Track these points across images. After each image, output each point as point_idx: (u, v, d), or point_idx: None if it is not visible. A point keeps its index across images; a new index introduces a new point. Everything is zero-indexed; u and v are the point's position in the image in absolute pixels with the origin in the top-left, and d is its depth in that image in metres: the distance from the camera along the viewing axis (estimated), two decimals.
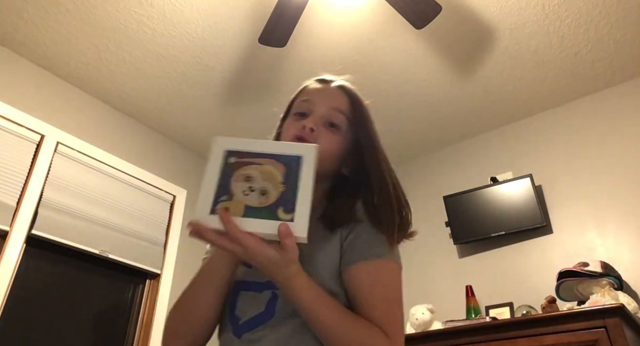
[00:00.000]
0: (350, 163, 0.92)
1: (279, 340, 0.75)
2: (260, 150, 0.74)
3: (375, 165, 0.89)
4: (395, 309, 0.78)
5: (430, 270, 2.82)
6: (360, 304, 0.76)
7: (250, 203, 0.68)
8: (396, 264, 0.84)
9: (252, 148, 0.74)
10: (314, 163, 0.73)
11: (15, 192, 2.15)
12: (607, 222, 2.33)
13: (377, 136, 0.94)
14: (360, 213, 0.84)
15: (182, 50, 2.37)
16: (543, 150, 2.71)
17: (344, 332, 0.71)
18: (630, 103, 2.50)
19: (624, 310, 1.69)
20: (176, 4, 2.13)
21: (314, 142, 0.84)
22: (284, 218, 0.67)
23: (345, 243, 0.81)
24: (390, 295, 0.79)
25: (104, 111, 2.71)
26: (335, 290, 0.78)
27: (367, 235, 0.81)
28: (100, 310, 2.41)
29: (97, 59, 2.42)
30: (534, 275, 2.41)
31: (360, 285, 0.77)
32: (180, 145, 3.11)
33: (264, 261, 0.67)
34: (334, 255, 0.80)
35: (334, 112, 0.91)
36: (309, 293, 0.71)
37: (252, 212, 0.68)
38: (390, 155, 0.98)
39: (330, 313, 0.71)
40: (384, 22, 2.21)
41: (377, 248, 0.80)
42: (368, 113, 0.96)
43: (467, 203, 2.74)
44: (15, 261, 2.07)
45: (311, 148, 0.74)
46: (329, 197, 0.90)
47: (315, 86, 0.98)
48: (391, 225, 0.83)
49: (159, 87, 2.61)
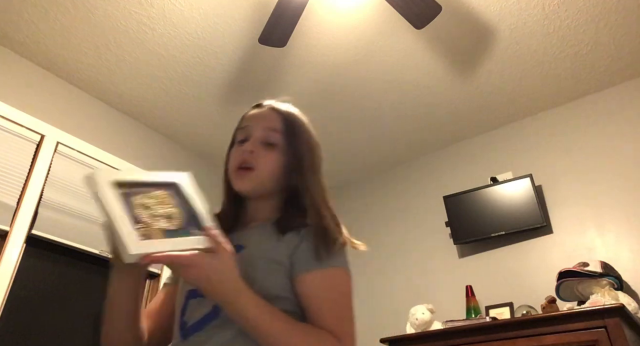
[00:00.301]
0: (292, 177, 0.97)
1: (225, 342, 0.78)
2: (143, 179, 0.78)
3: (303, 181, 0.95)
4: (346, 312, 0.84)
5: (430, 270, 2.82)
6: (312, 311, 0.82)
7: (165, 227, 0.73)
8: (344, 271, 0.88)
9: (134, 179, 0.78)
10: (193, 187, 0.82)
11: (15, 192, 2.15)
12: (607, 222, 2.33)
13: (310, 151, 0.99)
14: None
15: (182, 50, 2.37)
16: (543, 150, 2.71)
17: (295, 343, 0.75)
18: (630, 104, 2.50)
19: (624, 310, 1.69)
20: (176, 4, 2.13)
21: (254, 162, 0.94)
22: (199, 235, 0.73)
23: (296, 251, 0.85)
24: (340, 300, 0.84)
25: (104, 111, 2.71)
26: (282, 295, 0.82)
27: (314, 244, 0.85)
28: (100, 310, 2.41)
29: (97, 59, 2.42)
30: (534, 275, 2.41)
31: (312, 293, 0.83)
32: (180, 145, 3.11)
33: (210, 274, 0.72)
34: (284, 262, 0.85)
35: (269, 132, 0.98)
36: (256, 308, 0.75)
37: (172, 234, 0.72)
38: (390, 156, 0.99)
39: (280, 326, 0.75)
40: (384, 22, 2.21)
41: (324, 257, 0.85)
42: (303, 127, 1.01)
43: (467, 203, 2.74)
44: (15, 261, 2.07)
45: (184, 176, 0.83)
46: (282, 210, 0.97)
47: (251, 112, 1.04)
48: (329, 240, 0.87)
49: (159, 87, 2.61)
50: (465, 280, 2.60)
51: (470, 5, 2.13)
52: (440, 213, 2.86)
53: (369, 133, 2.98)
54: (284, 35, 2.02)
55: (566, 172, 2.56)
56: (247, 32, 2.26)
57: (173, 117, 2.85)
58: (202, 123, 2.91)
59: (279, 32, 2.01)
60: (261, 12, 2.13)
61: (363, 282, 3.03)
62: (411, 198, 3.13)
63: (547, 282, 2.25)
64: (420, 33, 2.25)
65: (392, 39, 2.31)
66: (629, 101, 2.51)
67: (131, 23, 2.22)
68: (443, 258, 2.80)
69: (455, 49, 2.37)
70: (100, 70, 2.49)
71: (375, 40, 2.32)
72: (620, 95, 2.55)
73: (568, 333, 1.72)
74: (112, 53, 2.38)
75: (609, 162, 2.44)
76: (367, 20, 2.21)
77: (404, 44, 2.34)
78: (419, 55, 2.41)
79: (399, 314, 2.65)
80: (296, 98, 1.09)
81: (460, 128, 2.96)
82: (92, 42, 2.31)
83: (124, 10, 2.15)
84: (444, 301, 2.61)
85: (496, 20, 2.20)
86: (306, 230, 0.87)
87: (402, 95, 2.68)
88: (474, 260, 2.69)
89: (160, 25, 2.23)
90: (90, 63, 2.44)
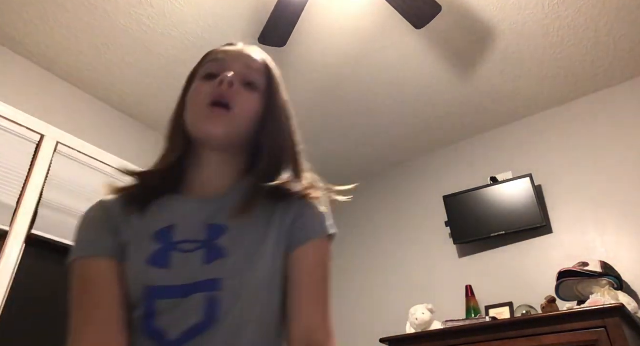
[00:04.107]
0: (266, 132, 0.79)
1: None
2: None
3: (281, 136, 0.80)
4: (328, 300, 0.72)
5: (430, 270, 2.82)
6: (296, 294, 0.70)
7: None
8: (330, 239, 0.77)
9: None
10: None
11: (15, 192, 2.15)
12: (607, 222, 2.33)
13: (287, 104, 0.85)
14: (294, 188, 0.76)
15: (182, 50, 2.37)
16: (543, 150, 2.71)
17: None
18: (630, 104, 2.50)
19: (624, 310, 1.69)
20: (176, 4, 2.13)
21: (233, 101, 0.74)
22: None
23: (290, 226, 0.74)
24: (325, 284, 0.73)
25: (104, 111, 2.71)
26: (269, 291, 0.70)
27: (306, 213, 0.76)
28: None
29: (97, 59, 2.42)
30: (534, 275, 2.41)
31: (301, 268, 0.72)
32: None
33: None
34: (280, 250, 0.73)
35: (251, 71, 0.80)
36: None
37: None
38: (390, 155, 0.97)
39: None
40: (384, 22, 2.21)
41: (317, 225, 0.76)
42: (281, 81, 0.87)
43: (467, 203, 2.74)
44: (15, 261, 2.07)
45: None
46: (249, 174, 0.79)
47: (226, 48, 0.85)
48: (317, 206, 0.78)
49: (159, 87, 2.61)
50: (465, 280, 2.60)
51: (470, 5, 2.13)
52: (440, 213, 2.86)
53: (368, 133, 2.98)
54: (283, 35, 2.02)
55: (566, 172, 2.56)
56: (247, 32, 2.26)
57: None
58: None
59: (279, 32, 2.01)
60: (261, 12, 2.13)
61: (363, 282, 3.03)
62: (411, 198, 3.13)
63: (547, 282, 2.25)
64: (420, 33, 2.25)
65: (391, 39, 2.31)
66: (629, 101, 2.51)
67: (131, 23, 2.22)
68: (443, 258, 2.80)
69: (455, 48, 2.37)
70: (100, 70, 2.49)
71: (375, 40, 2.32)
72: (620, 95, 2.55)
73: (568, 333, 1.72)
74: (112, 53, 2.38)
75: (609, 162, 2.44)
76: (367, 20, 2.21)
77: (403, 43, 2.34)
78: (419, 55, 2.41)
79: (399, 314, 2.65)
80: (296, 97, 1.09)
81: (460, 128, 2.96)
82: (92, 42, 2.31)
83: (124, 10, 2.15)
84: (444, 301, 2.61)
85: (496, 20, 2.20)
86: (294, 198, 0.75)
87: (401, 95, 2.68)
88: (474, 260, 2.69)
89: (160, 25, 2.23)
90: (90, 63, 2.44)
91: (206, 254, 0.69)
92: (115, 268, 0.69)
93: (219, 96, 0.74)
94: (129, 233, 0.72)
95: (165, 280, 0.67)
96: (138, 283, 0.67)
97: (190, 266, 0.68)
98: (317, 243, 0.74)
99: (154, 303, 0.65)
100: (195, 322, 0.64)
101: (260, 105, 0.79)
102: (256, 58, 0.83)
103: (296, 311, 0.69)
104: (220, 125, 0.73)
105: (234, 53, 0.83)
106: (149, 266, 0.68)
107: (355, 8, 2.14)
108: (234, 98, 0.75)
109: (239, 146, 0.78)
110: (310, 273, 0.72)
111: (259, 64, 0.83)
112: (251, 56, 0.83)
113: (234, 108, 0.74)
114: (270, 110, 0.79)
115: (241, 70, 0.79)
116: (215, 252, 0.69)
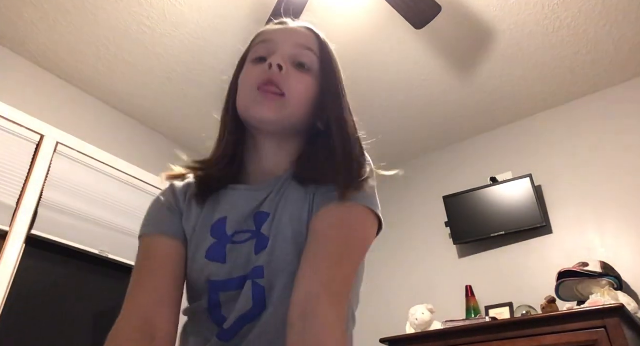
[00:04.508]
0: (322, 115, 0.76)
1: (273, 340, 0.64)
2: None
3: (339, 121, 0.75)
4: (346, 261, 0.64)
5: (430, 270, 2.82)
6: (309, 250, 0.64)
7: None
8: (367, 211, 0.69)
9: None
10: None
11: (15, 192, 2.15)
12: (607, 222, 2.33)
13: (344, 87, 0.81)
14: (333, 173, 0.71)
15: (182, 50, 2.37)
16: (543, 150, 2.71)
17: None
18: (630, 104, 2.50)
19: (624, 310, 1.69)
20: (176, 4, 2.13)
21: (285, 85, 0.71)
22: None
23: (316, 197, 0.70)
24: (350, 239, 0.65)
25: (103, 111, 2.71)
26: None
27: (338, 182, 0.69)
28: (100, 310, 2.41)
29: (97, 59, 2.42)
30: (533, 275, 2.41)
31: (317, 228, 0.66)
32: (180, 146, 3.11)
33: None
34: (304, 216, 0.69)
35: (303, 50, 0.76)
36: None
37: None
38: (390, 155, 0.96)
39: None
40: (384, 22, 2.21)
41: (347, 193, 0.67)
42: (336, 57, 0.83)
43: (467, 204, 2.74)
44: (15, 261, 2.07)
45: None
46: (304, 156, 0.76)
47: (276, 27, 0.82)
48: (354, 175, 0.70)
49: (159, 87, 2.61)
50: (465, 280, 2.60)
51: (470, 6, 2.13)
52: (440, 213, 2.86)
53: (368, 134, 2.96)
54: None
55: (566, 172, 2.56)
56: (247, 32, 2.25)
57: (173, 117, 2.85)
58: (202, 124, 2.90)
59: None
60: (261, 12, 2.13)
61: (363, 282, 3.03)
62: (411, 198, 3.13)
63: (547, 282, 2.24)
64: (420, 33, 2.25)
65: (391, 39, 2.31)
66: (629, 101, 2.51)
67: (131, 23, 2.22)
68: (443, 258, 2.80)
69: (454, 49, 2.37)
70: (100, 70, 2.49)
71: (374, 40, 2.32)
72: (620, 95, 2.55)
73: (568, 333, 1.72)
74: (112, 53, 2.38)
75: (608, 162, 2.44)
76: (366, 21, 2.21)
77: (403, 44, 2.34)
78: (419, 55, 2.41)
79: (399, 314, 2.65)
80: None
81: (460, 128, 2.97)
82: (92, 42, 2.32)
83: (124, 11, 2.15)
84: (444, 301, 2.61)
85: (496, 21, 2.20)
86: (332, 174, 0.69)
87: (401, 95, 2.68)
88: (473, 260, 2.69)
89: (160, 25, 2.23)
90: (90, 63, 2.44)
91: (256, 244, 0.70)
92: (176, 249, 0.72)
93: (269, 81, 0.71)
94: (190, 223, 0.75)
95: (224, 274, 0.69)
96: (202, 277, 0.70)
97: (243, 258, 0.70)
98: (339, 208, 0.67)
99: (217, 295, 0.69)
100: (245, 310, 0.66)
101: (314, 87, 0.75)
102: (307, 36, 0.79)
103: (300, 275, 0.63)
104: (272, 109, 0.71)
105: (283, 32, 0.79)
106: (209, 262, 0.70)
107: (355, 8, 2.14)
108: (285, 82, 0.72)
109: (294, 131, 0.75)
110: (322, 235, 0.65)
111: (311, 43, 0.78)
112: (302, 34, 0.79)
113: (285, 93, 0.71)
114: (325, 93, 0.75)
115: (291, 51, 0.75)
116: (262, 241, 0.70)
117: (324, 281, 0.60)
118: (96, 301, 2.41)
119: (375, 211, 0.70)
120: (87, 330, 2.33)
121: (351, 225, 0.67)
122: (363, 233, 0.69)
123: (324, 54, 0.79)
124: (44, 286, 2.23)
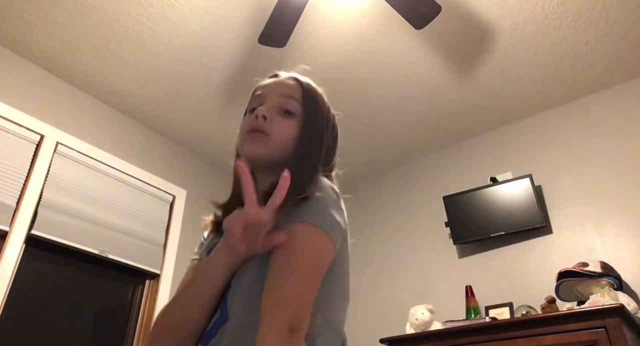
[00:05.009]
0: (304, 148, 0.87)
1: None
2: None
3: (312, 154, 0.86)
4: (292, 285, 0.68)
5: (430, 270, 2.82)
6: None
7: None
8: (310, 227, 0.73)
9: None
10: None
11: (15, 192, 2.15)
12: (607, 222, 2.33)
13: (327, 127, 0.93)
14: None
15: (182, 50, 2.37)
16: (543, 150, 2.71)
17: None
18: (630, 104, 2.50)
19: (624, 310, 1.69)
20: (176, 4, 2.13)
21: (268, 128, 0.84)
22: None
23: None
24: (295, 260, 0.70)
25: (103, 111, 2.71)
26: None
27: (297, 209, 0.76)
28: (100, 309, 2.41)
29: (97, 59, 2.42)
30: (533, 275, 2.41)
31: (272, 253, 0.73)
32: (180, 145, 3.11)
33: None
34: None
35: (287, 99, 0.89)
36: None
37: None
38: (390, 155, 0.97)
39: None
40: (384, 22, 2.21)
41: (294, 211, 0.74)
42: (322, 100, 0.96)
43: (467, 203, 2.74)
44: (15, 261, 2.07)
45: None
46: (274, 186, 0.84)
47: (266, 81, 0.97)
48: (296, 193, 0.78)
49: (159, 87, 2.61)
50: (465, 280, 2.60)
51: (470, 6, 2.13)
52: (440, 213, 2.86)
53: (368, 134, 2.98)
54: (283, 35, 2.02)
55: (566, 172, 2.56)
56: (247, 33, 2.26)
57: (173, 117, 2.85)
58: (201, 123, 2.91)
59: (279, 33, 2.01)
60: (261, 12, 2.13)
61: (363, 282, 3.03)
62: (411, 198, 3.13)
63: (547, 282, 2.24)
64: (420, 33, 2.25)
65: (391, 39, 2.31)
66: (629, 101, 2.51)
67: (131, 23, 2.22)
68: (443, 258, 2.80)
69: (455, 49, 2.37)
70: (100, 70, 2.49)
71: (375, 40, 2.32)
72: (620, 95, 2.55)
73: (568, 333, 1.72)
74: (112, 53, 2.38)
75: (608, 162, 2.44)
76: (367, 21, 2.21)
77: (403, 44, 2.34)
78: (419, 55, 2.41)
79: (399, 314, 2.65)
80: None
81: (461, 128, 2.97)
82: (92, 42, 2.32)
83: (124, 10, 2.15)
84: (444, 301, 2.61)
85: (496, 20, 2.20)
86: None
87: (401, 95, 2.68)
88: (473, 260, 2.69)
89: (160, 25, 2.23)
90: (90, 63, 2.44)
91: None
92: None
93: (255, 128, 0.85)
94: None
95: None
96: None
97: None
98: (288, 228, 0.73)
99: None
100: (216, 318, 0.75)
101: (297, 130, 0.87)
102: (292, 87, 0.93)
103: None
104: (258, 146, 0.84)
105: (271, 85, 0.93)
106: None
107: (355, 8, 2.14)
108: (270, 127, 0.85)
109: (275, 165, 0.83)
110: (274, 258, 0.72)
111: (294, 92, 0.91)
112: (287, 85, 0.93)
113: (270, 135, 0.84)
114: (304, 134, 0.88)
115: (278, 101, 0.89)
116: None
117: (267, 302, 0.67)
118: (96, 301, 2.41)
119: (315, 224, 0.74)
120: (87, 330, 2.33)
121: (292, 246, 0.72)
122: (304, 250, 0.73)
123: (306, 100, 0.91)
124: (44, 286, 2.23)
